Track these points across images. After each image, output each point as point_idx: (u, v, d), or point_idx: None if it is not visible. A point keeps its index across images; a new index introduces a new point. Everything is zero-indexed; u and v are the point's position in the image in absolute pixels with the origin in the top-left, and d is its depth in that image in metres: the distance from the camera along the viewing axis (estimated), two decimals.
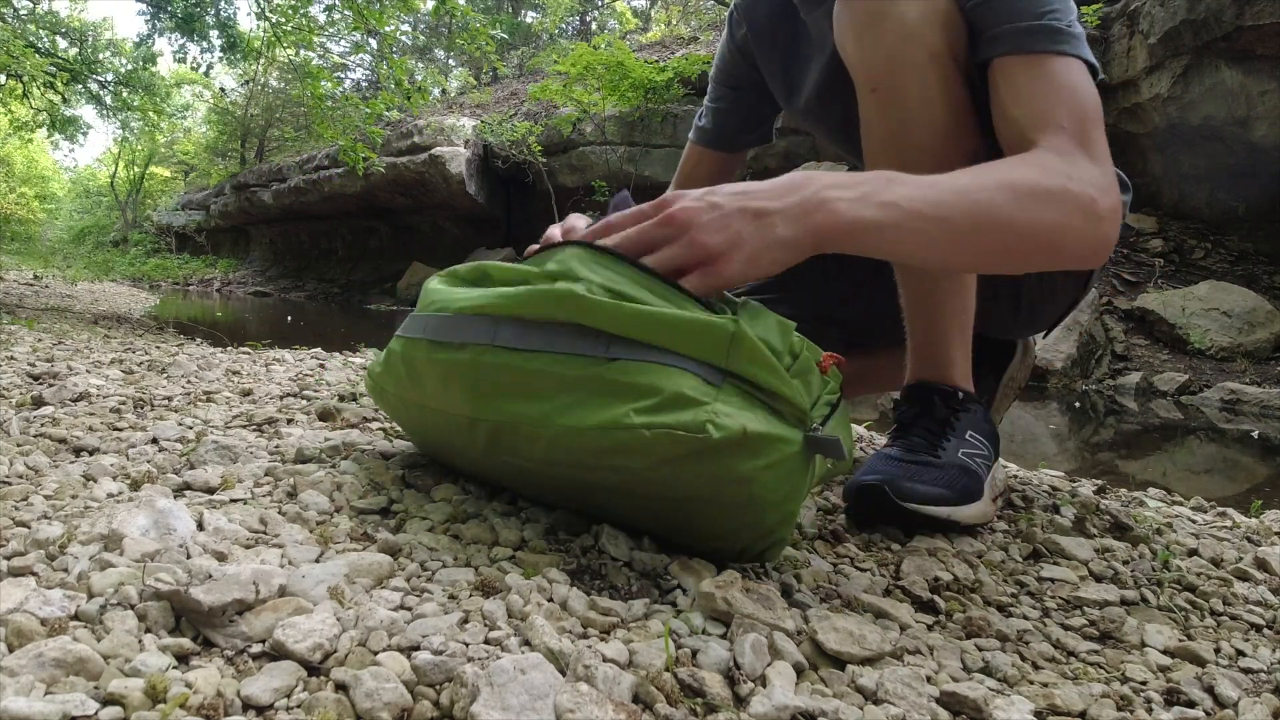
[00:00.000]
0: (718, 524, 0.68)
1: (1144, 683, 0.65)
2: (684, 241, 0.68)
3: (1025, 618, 0.75)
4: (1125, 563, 0.93)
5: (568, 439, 0.66)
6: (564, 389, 0.66)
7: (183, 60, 9.51)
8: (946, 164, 0.87)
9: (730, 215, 0.68)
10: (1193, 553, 1.02)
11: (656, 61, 10.17)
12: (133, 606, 0.53)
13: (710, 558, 0.72)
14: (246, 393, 1.30)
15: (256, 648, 0.52)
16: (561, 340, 0.67)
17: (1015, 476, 1.36)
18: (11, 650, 0.47)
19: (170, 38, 9.30)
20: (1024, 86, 0.85)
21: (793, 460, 0.65)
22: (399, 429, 1.06)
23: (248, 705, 0.46)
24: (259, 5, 6.97)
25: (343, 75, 19.51)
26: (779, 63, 1.24)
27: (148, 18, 9.22)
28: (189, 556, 0.62)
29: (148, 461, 0.88)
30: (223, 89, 22.28)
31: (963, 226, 0.73)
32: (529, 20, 20.25)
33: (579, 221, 0.86)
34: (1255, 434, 3.58)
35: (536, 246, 0.80)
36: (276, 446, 0.96)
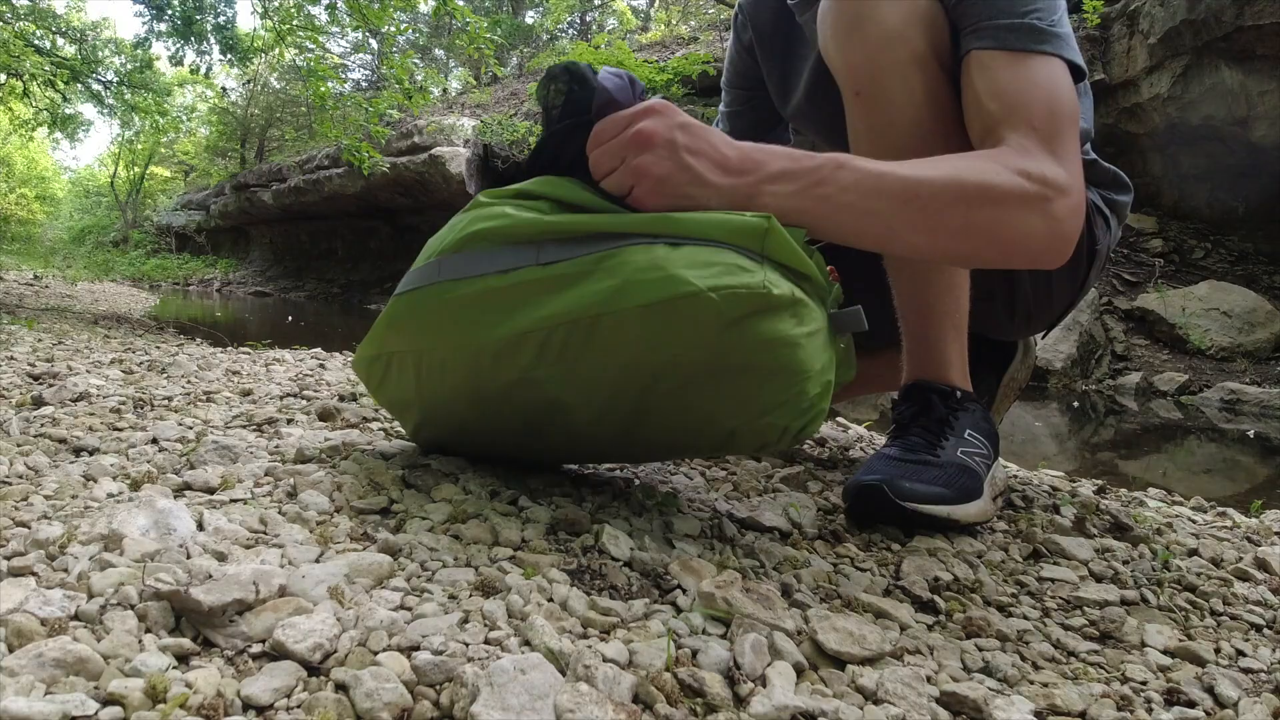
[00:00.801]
0: (769, 396, 0.71)
1: (1144, 683, 0.65)
2: (631, 169, 0.72)
3: (1025, 618, 0.75)
4: (1125, 563, 0.93)
5: (629, 324, 0.67)
6: (613, 275, 0.69)
7: (178, 64, 9.47)
8: None
9: (678, 170, 0.72)
10: (1193, 553, 1.03)
11: (656, 61, 10.16)
12: (133, 606, 0.53)
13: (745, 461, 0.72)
14: (246, 393, 1.30)
15: (256, 648, 0.52)
16: (605, 242, 0.71)
17: (1015, 476, 1.36)
18: (11, 650, 0.47)
19: (166, 43, 9.27)
20: (1000, 81, 0.85)
21: (824, 333, 0.73)
22: (400, 427, 1.05)
23: (248, 705, 0.46)
24: (261, 6, 6.97)
25: (343, 75, 19.51)
26: (776, 65, 1.25)
27: (145, 20, 9.20)
28: (189, 556, 0.62)
29: (148, 461, 0.88)
30: (224, 89, 22.28)
31: (897, 221, 0.76)
32: (529, 20, 20.25)
33: None
34: (1251, 433, 3.58)
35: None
36: (276, 446, 0.96)
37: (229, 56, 9.30)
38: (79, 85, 10.85)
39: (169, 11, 9.00)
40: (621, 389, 0.72)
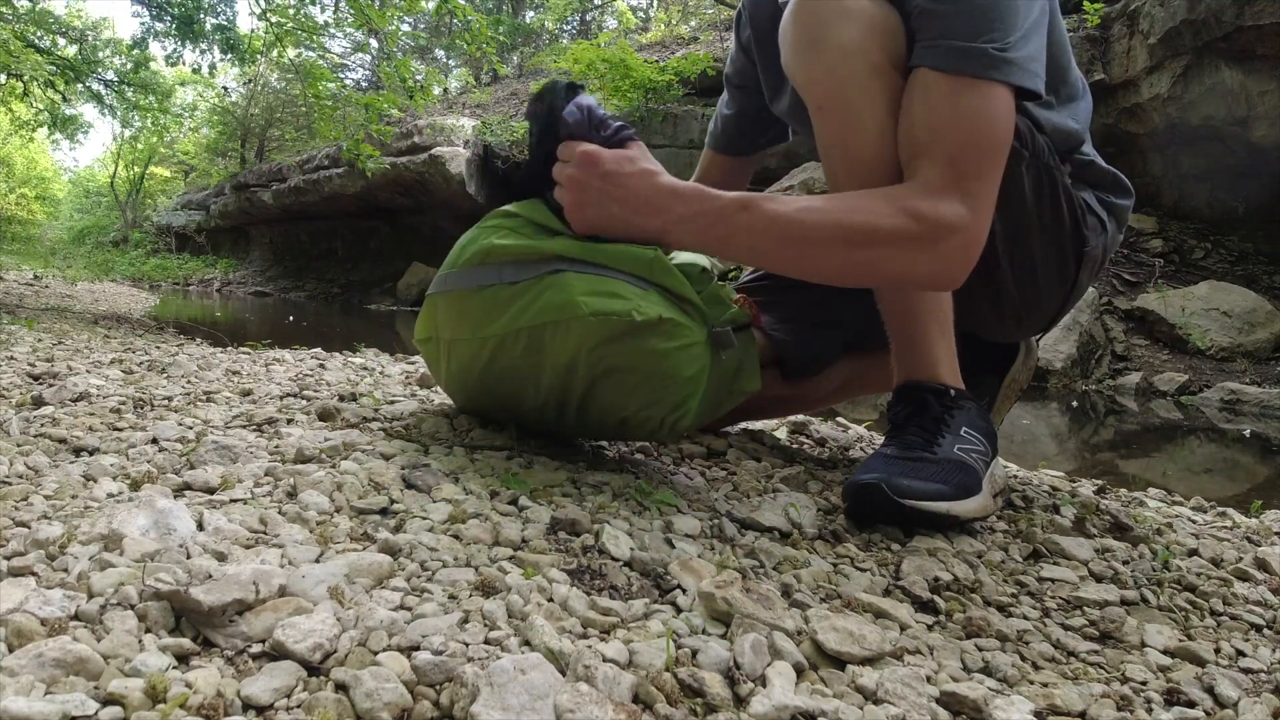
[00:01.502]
0: (644, 394, 0.91)
1: (1144, 683, 0.65)
2: (569, 200, 0.93)
3: (1025, 618, 0.75)
4: (1125, 563, 0.93)
5: (550, 334, 0.89)
6: (542, 297, 0.90)
7: (175, 64, 9.44)
8: (899, 172, 0.92)
9: (599, 200, 0.91)
10: (1193, 553, 1.03)
11: (656, 61, 10.16)
12: (133, 606, 0.53)
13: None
14: (246, 393, 1.30)
15: (256, 648, 0.52)
16: (546, 265, 0.93)
17: (1015, 476, 1.36)
18: (11, 650, 0.47)
19: (164, 42, 9.24)
20: (932, 106, 0.89)
21: (699, 347, 0.92)
22: (399, 428, 1.06)
23: (248, 705, 0.46)
24: (259, 5, 6.96)
25: (343, 75, 19.51)
26: (770, 65, 1.25)
27: (143, 20, 9.16)
28: (189, 556, 0.62)
29: (148, 461, 0.88)
30: (225, 88, 22.27)
31: (785, 258, 0.91)
32: (529, 19, 20.24)
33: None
34: (1247, 432, 3.58)
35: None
36: (276, 446, 0.96)
37: (229, 56, 9.27)
38: (79, 86, 10.84)
39: (168, 11, 8.98)
40: (554, 380, 0.92)
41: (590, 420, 0.96)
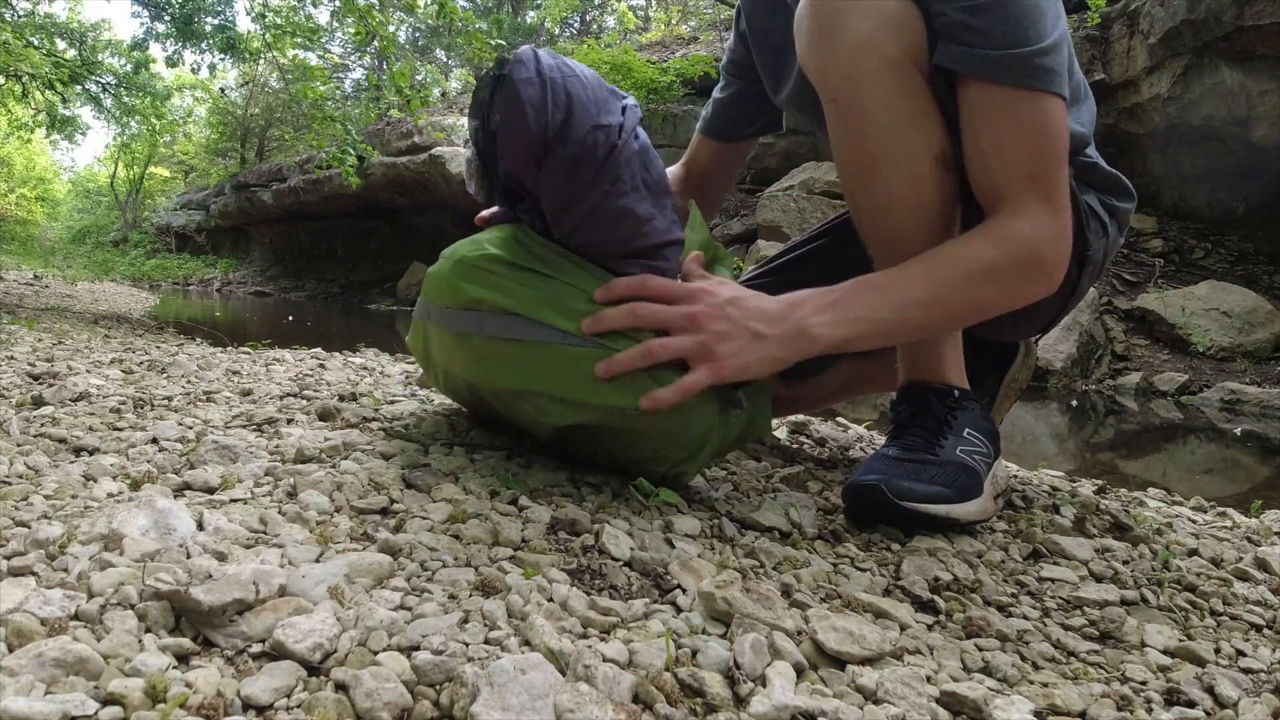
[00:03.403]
0: (647, 449, 0.89)
1: (1144, 683, 0.65)
2: (698, 340, 0.84)
3: (1025, 618, 0.75)
4: (1125, 563, 0.93)
5: (556, 402, 0.86)
6: (534, 368, 0.86)
7: (175, 65, 9.42)
8: (910, 168, 0.93)
9: (737, 331, 0.85)
10: (1193, 553, 1.03)
11: (658, 61, 10.16)
12: (133, 606, 0.53)
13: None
14: (246, 393, 1.30)
15: (256, 648, 0.52)
16: (524, 330, 0.86)
17: (1015, 476, 1.36)
18: (11, 650, 0.47)
19: (165, 44, 9.23)
20: (997, 128, 0.91)
21: (708, 407, 0.87)
22: (399, 428, 1.06)
23: (248, 705, 0.46)
24: (256, 7, 6.95)
25: (343, 75, 19.51)
26: (770, 54, 1.25)
27: (142, 20, 9.14)
28: (189, 556, 0.62)
29: (148, 461, 0.88)
30: (223, 89, 22.24)
31: (921, 321, 0.92)
32: (529, 19, 20.23)
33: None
34: (1238, 431, 3.58)
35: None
36: (276, 446, 0.96)
37: (228, 57, 9.27)
38: (77, 87, 10.83)
39: (167, 11, 8.97)
40: (553, 432, 0.89)
41: (593, 455, 0.95)
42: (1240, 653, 0.73)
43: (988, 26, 0.88)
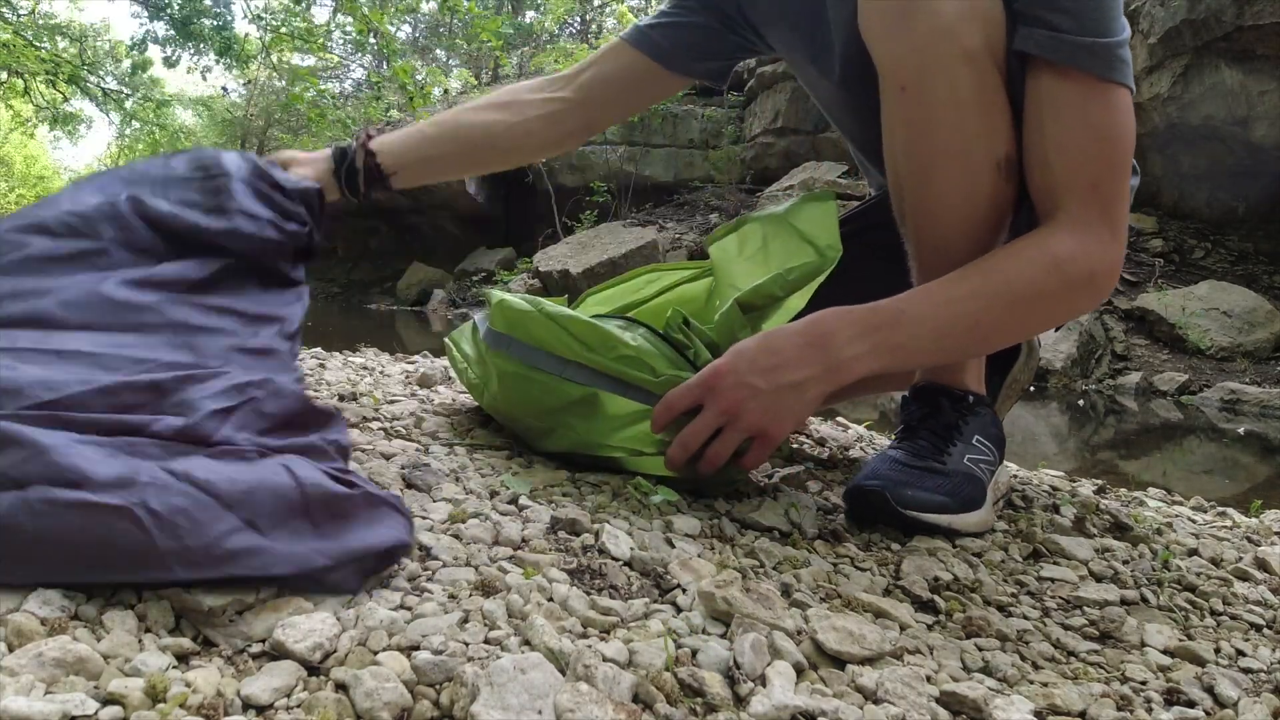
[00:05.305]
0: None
1: (1144, 683, 0.65)
2: (739, 427, 0.84)
3: (1025, 618, 0.75)
4: (1125, 563, 0.93)
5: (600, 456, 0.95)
6: (590, 419, 0.95)
7: (173, 66, 9.44)
8: (971, 176, 0.88)
9: (772, 394, 0.83)
10: (1193, 553, 1.02)
11: None
12: (132, 606, 0.53)
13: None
14: None
15: (256, 647, 0.52)
16: (583, 375, 0.94)
17: (1015, 476, 1.36)
18: (11, 650, 0.47)
19: (163, 46, 9.25)
20: (1064, 123, 0.85)
21: None
22: (399, 428, 1.06)
23: (248, 705, 0.46)
24: (252, 9, 6.95)
25: (343, 75, 19.51)
26: (807, 16, 1.10)
27: (142, 20, 9.18)
28: None
29: None
30: (224, 89, 22.27)
31: (962, 344, 0.89)
32: (529, 20, 20.23)
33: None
34: (1240, 430, 3.58)
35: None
36: None
37: (225, 58, 9.28)
38: (77, 88, 10.85)
39: (166, 12, 8.98)
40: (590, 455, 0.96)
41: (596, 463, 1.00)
42: (1240, 652, 0.73)
43: (1077, 10, 0.83)
